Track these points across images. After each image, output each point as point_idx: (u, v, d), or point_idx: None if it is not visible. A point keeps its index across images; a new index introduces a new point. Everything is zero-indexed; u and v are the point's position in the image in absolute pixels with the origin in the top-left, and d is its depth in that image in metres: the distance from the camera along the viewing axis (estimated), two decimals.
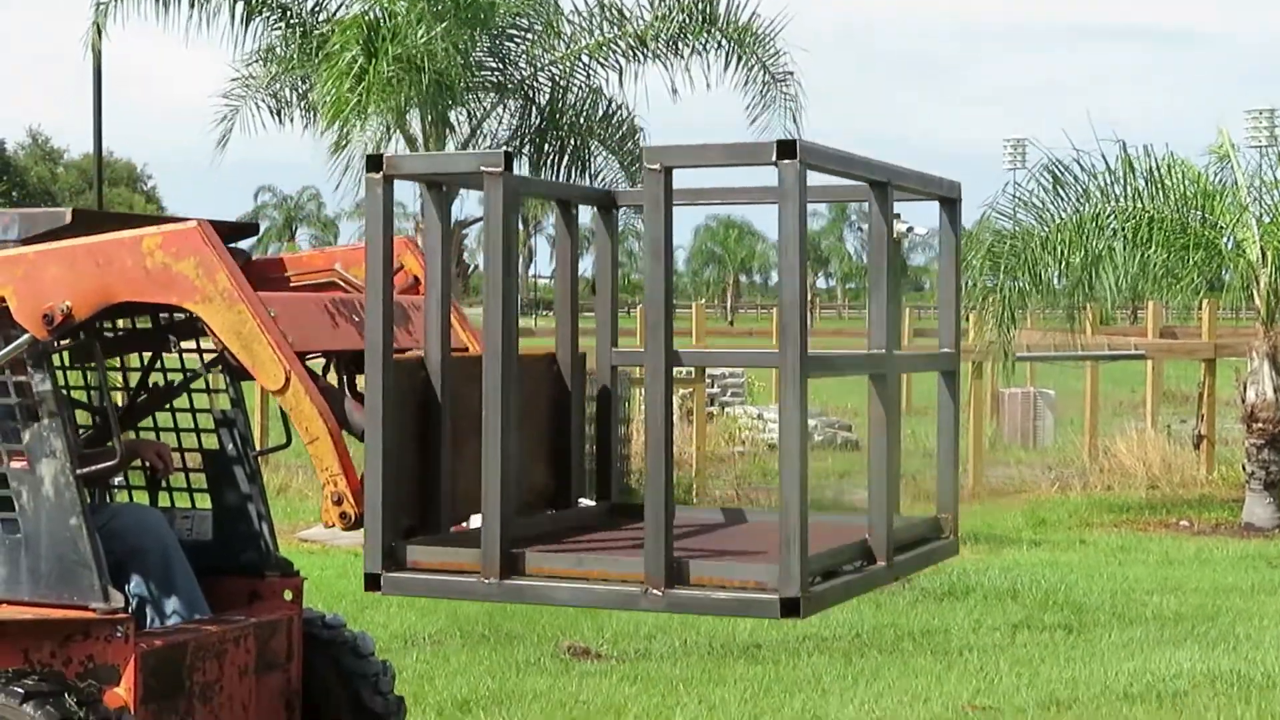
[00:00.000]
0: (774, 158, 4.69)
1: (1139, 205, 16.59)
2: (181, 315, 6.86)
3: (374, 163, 5.05)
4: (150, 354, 6.92)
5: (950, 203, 5.93)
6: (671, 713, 8.75)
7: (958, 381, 6.00)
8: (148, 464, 6.59)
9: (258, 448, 6.83)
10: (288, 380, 5.39)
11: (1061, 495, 18.71)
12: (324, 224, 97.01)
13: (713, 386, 25.60)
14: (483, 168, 4.98)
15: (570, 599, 4.93)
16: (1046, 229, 16.74)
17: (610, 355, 5.98)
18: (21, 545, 5.79)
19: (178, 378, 6.94)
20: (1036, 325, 24.95)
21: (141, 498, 6.91)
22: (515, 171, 5.14)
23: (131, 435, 6.85)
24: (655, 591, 4.71)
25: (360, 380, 5.97)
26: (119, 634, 5.70)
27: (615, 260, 5.94)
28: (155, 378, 6.95)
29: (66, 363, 6.83)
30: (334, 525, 5.31)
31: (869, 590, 5.36)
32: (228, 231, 6.77)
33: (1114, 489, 19.03)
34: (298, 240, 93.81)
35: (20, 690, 5.49)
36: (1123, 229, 16.49)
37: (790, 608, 4.60)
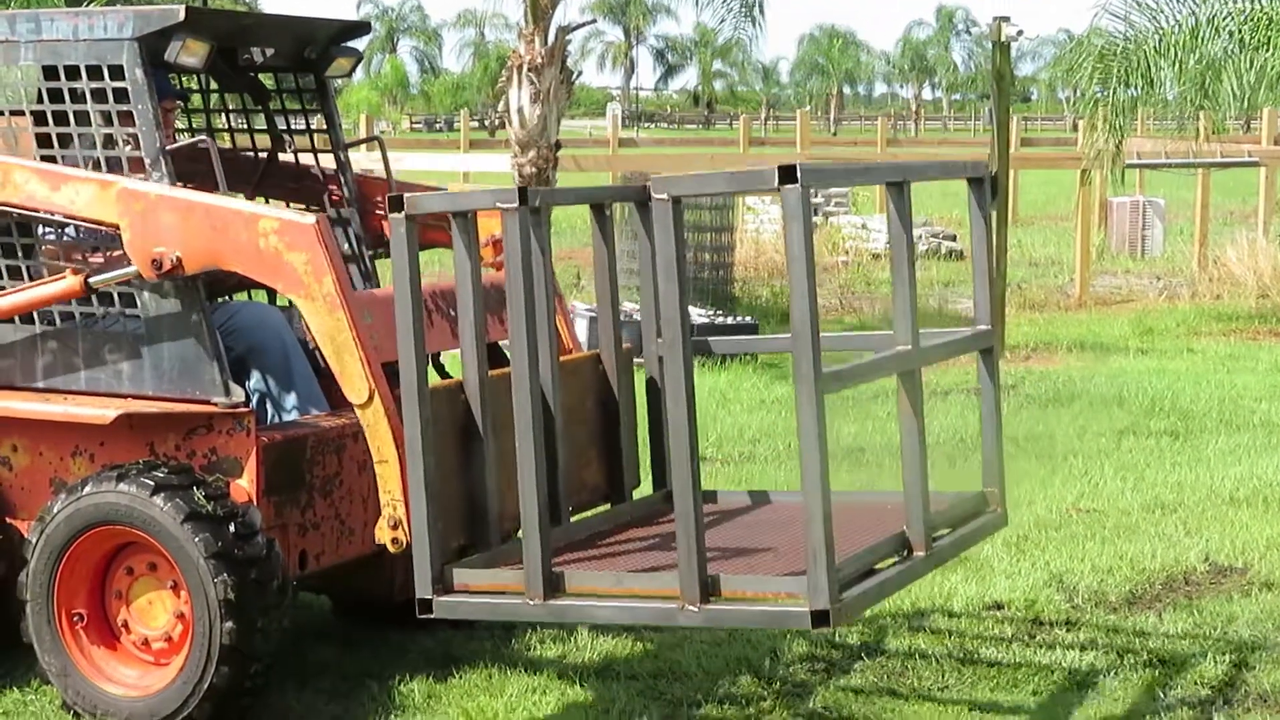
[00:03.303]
0: (776, 184, 4.75)
1: (1257, 6, 16.16)
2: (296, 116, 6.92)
3: (395, 203, 5.17)
4: (266, 153, 7.00)
5: (978, 182, 5.92)
6: None
7: (997, 360, 6.01)
8: None
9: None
10: (370, 398, 5.55)
11: (1169, 304, 18.53)
12: (427, 35, 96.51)
13: (817, 196, 25.45)
14: (498, 204, 5.12)
15: (612, 617, 5.20)
16: (1160, 32, 16.36)
17: (656, 347, 6.04)
18: (144, 341, 5.94)
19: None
20: (1147, 134, 24.52)
21: (261, 297, 7.03)
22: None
23: None
24: (691, 608, 4.91)
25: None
26: (241, 427, 5.85)
27: (655, 255, 5.95)
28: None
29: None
30: (385, 545, 5.53)
31: (906, 585, 5.49)
32: (341, 29, 6.80)
33: (1223, 298, 18.81)
34: (399, 53, 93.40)
35: (150, 482, 5.66)
36: (1239, 31, 16.09)
37: (820, 619, 4.75)
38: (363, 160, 19.19)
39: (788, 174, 4.73)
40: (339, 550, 6.21)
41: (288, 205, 6.94)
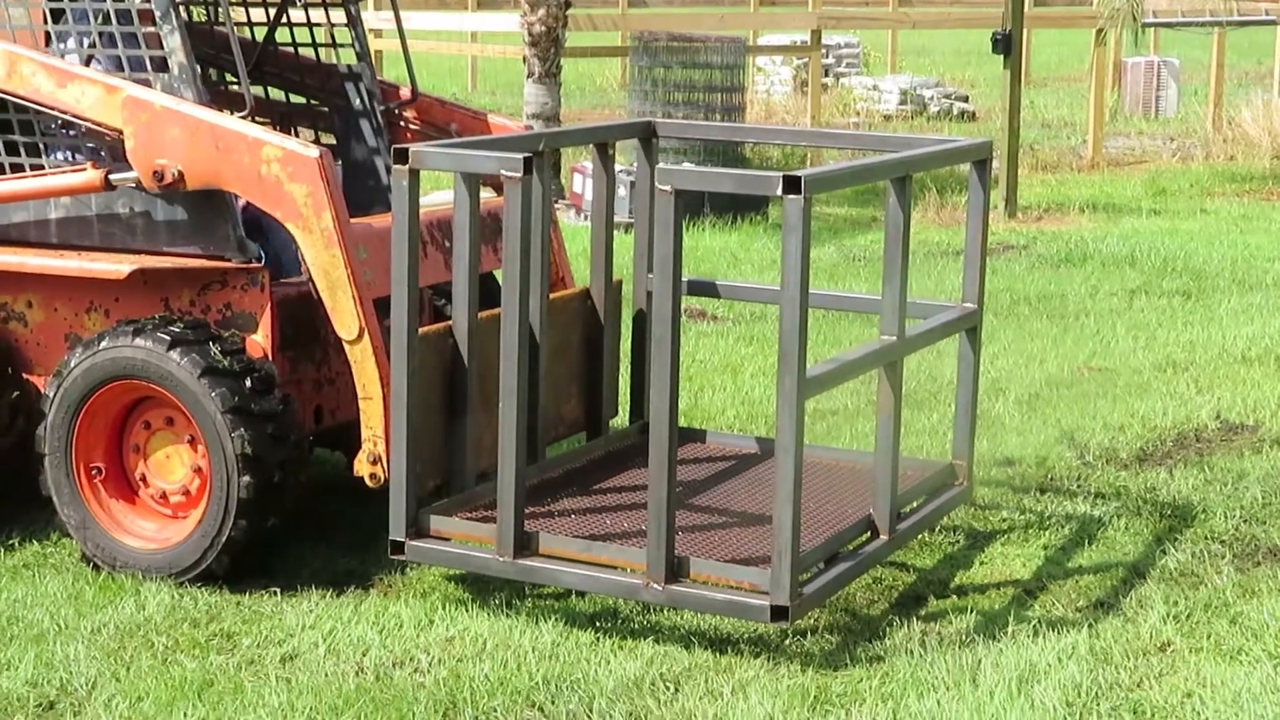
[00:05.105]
0: (780, 192, 4.80)
1: None
2: None
3: (400, 155, 5.19)
4: (276, 7, 6.93)
5: (980, 164, 5.95)
6: None
7: (979, 339, 6.15)
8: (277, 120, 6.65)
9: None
10: (360, 335, 5.58)
11: (1183, 165, 18.42)
12: None
13: (828, 57, 25.22)
14: (503, 172, 5.15)
15: (578, 584, 5.33)
16: None
17: (646, 281, 6.16)
18: (157, 198, 5.92)
19: (303, 32, 6.96)
20: None
21: None
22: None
23: (261, 90, 6.92)
24: (655, 586, 5.12)
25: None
26: (255, 283, 5.86)
27: (653, 188, 5.94)
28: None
29: (195, 16, 6.86)
30: (362, 478, 5.66)
31: (867, 571, 5.70)
32: None
33: (1237, 159, 18.69)
34: None
35: (167, 337, 5.67)
36: None
37: (779, 614, 5.00)
38: (371, 19, 19.02)
39: (792, 184, 4.76)
40: (354, 406, 6.23)
41: (287, 99, 6.93)
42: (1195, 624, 5.50)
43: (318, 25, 6.94)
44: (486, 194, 6.15)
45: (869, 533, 5.65)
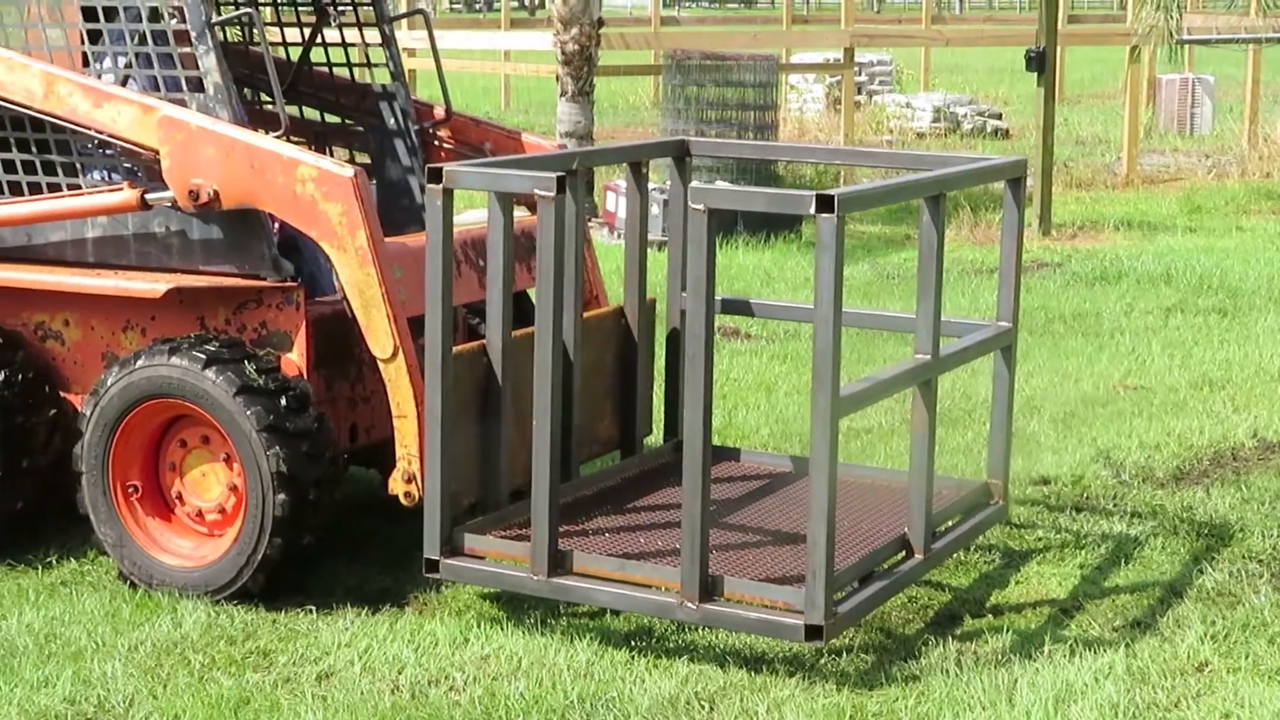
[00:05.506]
0: (813, 210, 4.79)
1: None
2: None
3: (434, 175, 5.22)
4: (311, 27, 6.97)
5: (1015, 181, 5.95)
6: None
7: (1014, 357, 6.14)
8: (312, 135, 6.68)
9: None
10: (395, 354, 5.61)
11: (1218, 183, 18.34)
12: None
13: (861, 74, 25.22)
14: (537, 191, 5.18)
15: (612, 603, 5.34)
16: None
17: (680, 300, 6.17)
18: (193, 217, 5.95)
19: (338, 52, 6.99)
20: (1197, 9, 24.15)
21: None
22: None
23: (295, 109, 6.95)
24: (690, 605, 5.12)
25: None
26: (290, 302, 5.88)
27: (687, 206, 5.97)
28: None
29: (230, 36, 6.90)
30: (396, 496, 5.67)
31: (902, 590, 5.69)
32: None
33: (1273, 176, 18.60)
34: None
35: (202, 356, 5.69)
36: None
37: (814, 633, 4.99)
38: (405, 39, 19.09)
39: (825, 202, 4.75)
40: (389, 424, 6.24)
41: (322, 118, 6.96)
42: (1233, 644, 5.46)
43: (352, 45, 6.97)
44: (520, 212, 6.16)
45: (904, 551, 5.63)
